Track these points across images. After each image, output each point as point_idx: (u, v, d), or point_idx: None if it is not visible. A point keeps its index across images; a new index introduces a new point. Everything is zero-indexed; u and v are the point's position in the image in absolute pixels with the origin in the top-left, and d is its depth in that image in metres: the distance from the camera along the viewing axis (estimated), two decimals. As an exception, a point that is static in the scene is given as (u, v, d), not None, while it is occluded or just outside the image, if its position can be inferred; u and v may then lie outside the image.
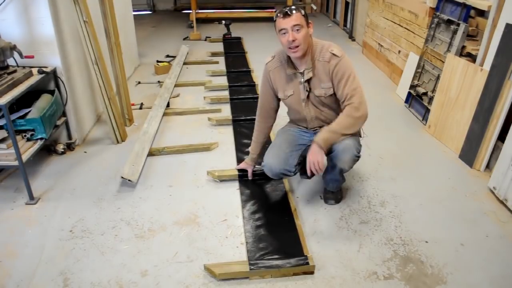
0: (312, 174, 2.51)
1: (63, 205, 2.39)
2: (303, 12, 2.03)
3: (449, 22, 3.16)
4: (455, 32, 3.07)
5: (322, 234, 2.17)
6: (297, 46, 2.02)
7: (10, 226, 2.23)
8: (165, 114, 3.52)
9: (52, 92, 2.72)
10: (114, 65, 3.23)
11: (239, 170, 2.61)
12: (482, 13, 2.95)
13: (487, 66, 2.66)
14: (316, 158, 2.03)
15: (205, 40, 6.15)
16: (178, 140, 3.15)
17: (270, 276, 1.88)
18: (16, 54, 2.53)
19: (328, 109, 2.20)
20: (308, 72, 2.11)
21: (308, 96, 2.19)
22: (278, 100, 2.34)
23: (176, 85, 4.18)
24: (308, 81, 2.14)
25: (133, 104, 3.63)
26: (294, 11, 1.99)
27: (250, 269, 1.87)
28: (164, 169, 2.76)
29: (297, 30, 1.99)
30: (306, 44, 2.05)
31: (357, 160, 2.17)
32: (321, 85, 2.12)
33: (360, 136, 2.32)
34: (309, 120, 2.27)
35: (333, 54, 2.06)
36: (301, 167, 2.31)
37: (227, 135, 3.22)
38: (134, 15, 4.93)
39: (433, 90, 3.30)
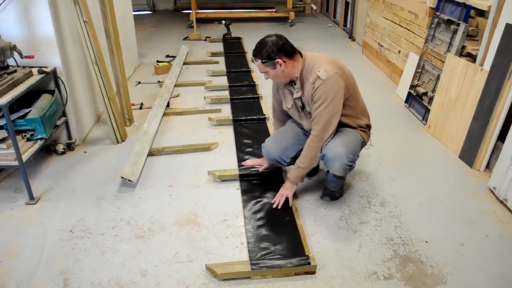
0: (311, 174, 2.52)
1: (63, 205, 2.39)
2: (264, 57, 2.06)
3: (449, 22, 3.16)
4: (455, 32, 3.07)
5: (322, 234, 2.17)
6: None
7: (10, 226, 2.23)
8: (165, 114, 3.52)
9: (52, 92, 2.72)
10: (114, 65, 3.23)
11: (244, 170, 2.60)
12: (482, 13, 2.95)
13: (487, 66, 2.66)
14: (285, 193, 2.28)
15: (205, 40, 6.15)
16: (178, 140, 3.15)
17: (271, 276, 1.88)
18: (16, 54, 2.53)
19: None
20: (298, 91, 2.18)
21: (302, 111, 2.25)
22: None
23: (176, 85, 4.17)
24: (301, 98, 2.20)
25: (133, 104, 3.63)
26: (254, 61, 2.13)
27: (252, 269, 1.87)
28: (164, 169, 2.76)
29: (265, 73, 2.15)
30: (282, 78, 2.16)
31: (350, 168, 2.16)
32: (310, 103, 2.16)
33: (365, 144, 2.32)
34: (307, 129, 2.31)
35: (318, 76, 2.06)
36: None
37: (227, 135, 3.22)
38: (134, 15, 4.93)
39: (433, 90, 3.30)
